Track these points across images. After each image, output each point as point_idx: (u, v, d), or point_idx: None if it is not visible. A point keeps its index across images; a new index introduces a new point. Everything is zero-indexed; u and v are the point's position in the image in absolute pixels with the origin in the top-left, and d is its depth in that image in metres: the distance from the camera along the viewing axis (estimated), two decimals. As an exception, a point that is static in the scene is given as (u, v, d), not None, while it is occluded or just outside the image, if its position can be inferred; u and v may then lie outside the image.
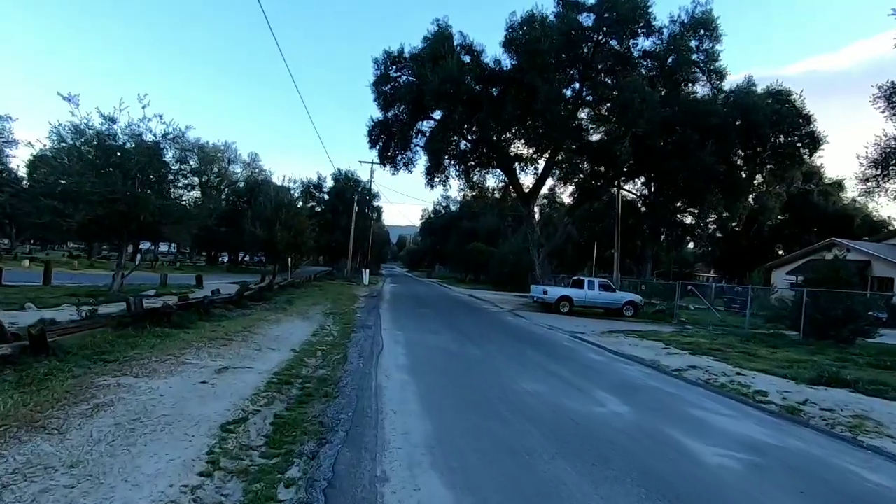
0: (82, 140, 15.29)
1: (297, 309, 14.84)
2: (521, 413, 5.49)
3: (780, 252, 51.69)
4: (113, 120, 15.64)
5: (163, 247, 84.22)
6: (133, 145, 15.89)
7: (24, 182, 32.81)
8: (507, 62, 22.00)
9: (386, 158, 25.43)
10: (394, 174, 26.18)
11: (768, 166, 22.05)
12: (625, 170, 20.60)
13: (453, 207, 76.49)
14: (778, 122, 20.63)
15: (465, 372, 7.64)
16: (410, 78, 21.79)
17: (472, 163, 27.82)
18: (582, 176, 23.51)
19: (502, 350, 10.22)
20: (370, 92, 23.23)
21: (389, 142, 25.26)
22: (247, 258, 56.89)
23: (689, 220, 50.28)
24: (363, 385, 6.22)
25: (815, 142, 20.97)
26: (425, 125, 25.31)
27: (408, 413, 5.17)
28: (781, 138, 21.48)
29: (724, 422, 5.99)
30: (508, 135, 20.46)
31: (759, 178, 23.70)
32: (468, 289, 39.62)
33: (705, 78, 21.68)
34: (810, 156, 21.16)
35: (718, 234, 48.32)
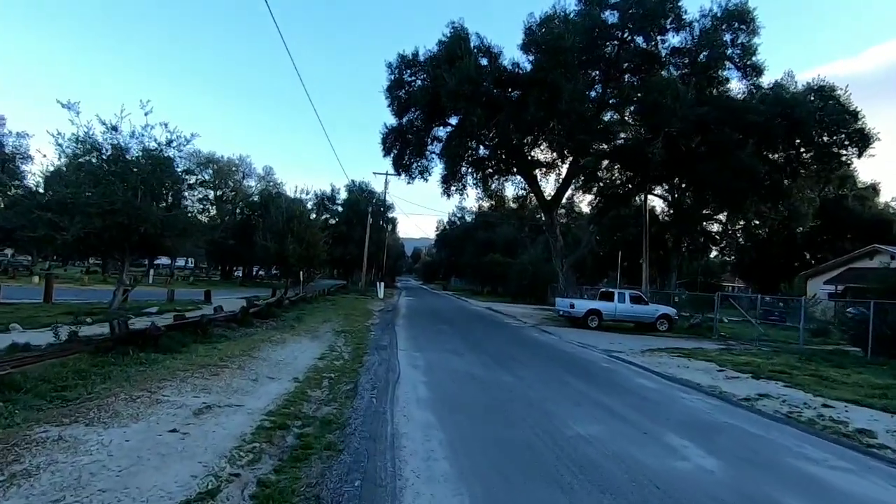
0: (97, 153, 14.52)
1: (307, 327, 13.68)
2: (586, 474, 4.15)
3: (811, 260, 49.29)
4: (115, 129, 14.86)
5: (180, 262, 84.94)
6: (137, 154, 15.11)
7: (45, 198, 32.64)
8: (525, 64, 20.92)
9: (400, 166, 24.40)
10: (409, 183, 25.16)
11: (813, 167, 20.38)
12: (654, 174, 19.15)
13: (468, 218, 75.44)
14: (822, 120, 19.04)
15: (500, 408, 6.32)
16: (426, 81, 20.78)
17: (490, 170, 26.65)
18: (607, 181, 22.11)
19: (537, 376, 8.86)
20: (384, 98, 22.30)
21: (404, 149, 24.24)
22: (261, 272, 56.39)
23: (714, 227, 48.74)
24: (376, 431, 4.94)
25: (864, 139, 19.27)
26: (441, 132, 24.27)
27: (436, 478, 3.88)
28: (825, 137, 19.85)
29: (844, 481, 4.56)
30: (530, 138, 19.21)
31: (792, 180, 21.95)
32: (486, 301, 38.19)
33: (740, 74, 20.24)
34: (859, 155, 19.46)
35: (745, 243, 46.19)
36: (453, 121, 22.74)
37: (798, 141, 19.46)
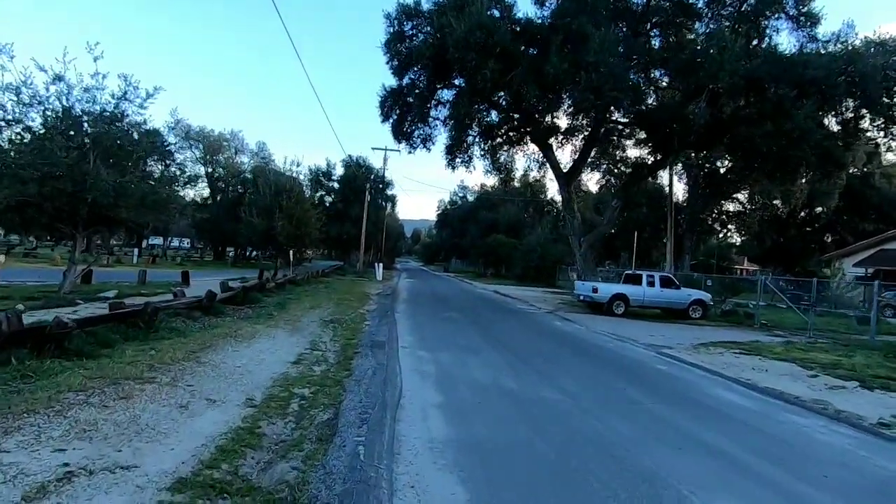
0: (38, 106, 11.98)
1: (289, 315, 11.38)
2: None
3: (830, 242, 46.92)
4: (60, 78, 12.31)
5: (175, 242, 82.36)
6: (87, 109, 12.61)
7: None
8: (540, 21, 18.22)
9: (401, 134, 21.81)
10: (410, 152, 22.59)
11: (868, 133, 17.84)
12: (692, 140, 16.59)
13: (470, 198, 72.74)
14: (888, 78, 16.44)
15: (563, 461, 4.03)
16: (430, 35, 18.07)
17: (500, 140, 24.09)
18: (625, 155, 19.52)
19: (588, 388, 6.57)
20: (382, 54, 19.59)
21: (405, 114, 21.61)
22: (255, 253, 53.99)
23: (730, 207, 46.23)
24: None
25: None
26: (446, 95, 21.62)
27: None
28: (886, 98, 17.24)
29: None
30: (551, 96, 16.58)
31: (846, 148, 19.37)
32: (491, 284, 35.94)
33: (792, 25, 17.54)
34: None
35: (764, 223, 43.67)
36: (461, 83, 20.12)
37: (856, 103, 16.88)
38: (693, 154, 21.72)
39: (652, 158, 18.73)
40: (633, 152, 27.73)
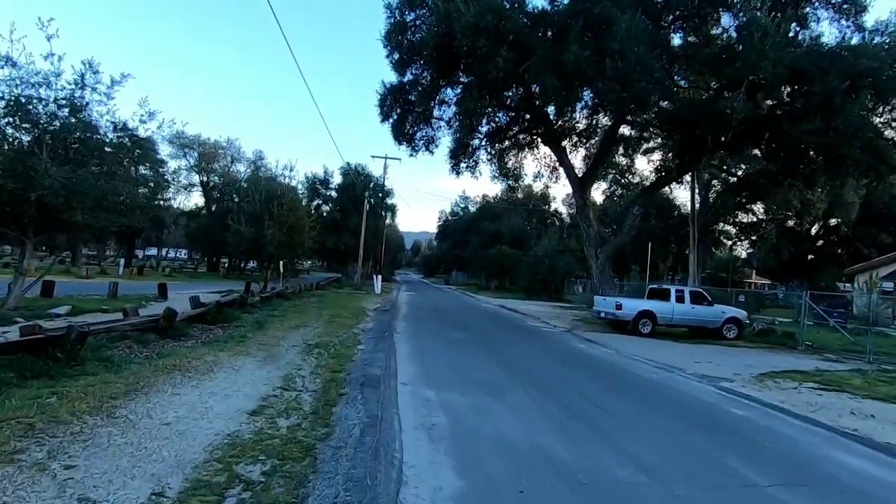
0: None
1: (267, 337, 9.47)
2: None
3: (843, 255, 45.10)
4: (12, 62, 10.61)
5: (173, 253, 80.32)
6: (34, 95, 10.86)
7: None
8: (560, 1, 16.63)
9: (402, 135, 20.09)
10: (412, 155, 20.87)
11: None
12: (726, 139, 14.81)
13: (472, 209, 70.99)
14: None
15: None
16: (434, 22, 16.43)
17: (509, 143, 22.41)
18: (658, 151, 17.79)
19: (664, 454, 4.64)
20: (382, 47, 17.93)
21: (406, 114, 19.93)
22: (250, 264, 52.05)
23: (744, 219, 44.39)
24: None
25: None
26: (451, 94, 19.95)
27: None
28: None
29: None
30: (568, 92, 14.81)
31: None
32: (496, 298, 34.04)
33: (832, 14, 15.93)
34: None
35: (784, 233, 41.80)
36: (468, 80, 18.46)
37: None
38: (721, 156, 19.94)
39: (678, 161, 16.94)
40: (640, 162, 26.14)
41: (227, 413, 4.77)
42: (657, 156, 23.68)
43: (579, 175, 20.31)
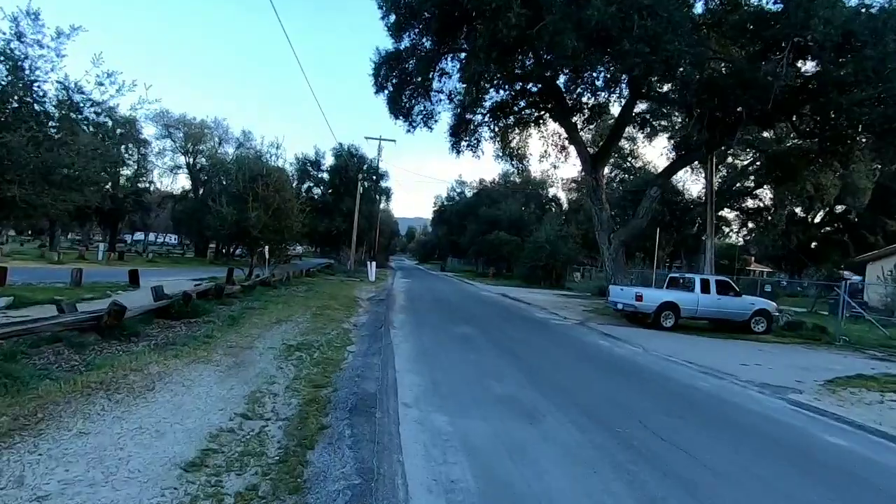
0: None
1: (239, 336, 7.88)
2: None
3: (848, 241, 44.09)
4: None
5: (162, 237, 77.90)
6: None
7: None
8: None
9: (398, 109, 18.31)
10: (409, 131, 19.13)
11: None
12: (765, 109, 13.13)
13: (469, 194, 69.14)
14: None
15: None
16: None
17: (514, 119, 20.70)
18: (679, 127, 16.14)
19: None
20: (377, 7, 16.09)
21: (403, 86, 18.14)
22: (239, 249, 50.12)
23: (749, 203, 43.03)
24: None
25: None
26: (451, 65, 18.17)
27: None
28: None
29: None
30: (594, 50, 13.02)
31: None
32: (496, 286, 32.60)
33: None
34: None
35: (790, 220, 40.59)
36: (471, 46, 16.67)
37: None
38: (756, 131, 18.37)
39: (707, 136, 15.28)
40: (643, 147, 24.48)
41: (149, 468, 3.21)
42: (668, 135, 22.03)
43: (592, 153, 18.67)
